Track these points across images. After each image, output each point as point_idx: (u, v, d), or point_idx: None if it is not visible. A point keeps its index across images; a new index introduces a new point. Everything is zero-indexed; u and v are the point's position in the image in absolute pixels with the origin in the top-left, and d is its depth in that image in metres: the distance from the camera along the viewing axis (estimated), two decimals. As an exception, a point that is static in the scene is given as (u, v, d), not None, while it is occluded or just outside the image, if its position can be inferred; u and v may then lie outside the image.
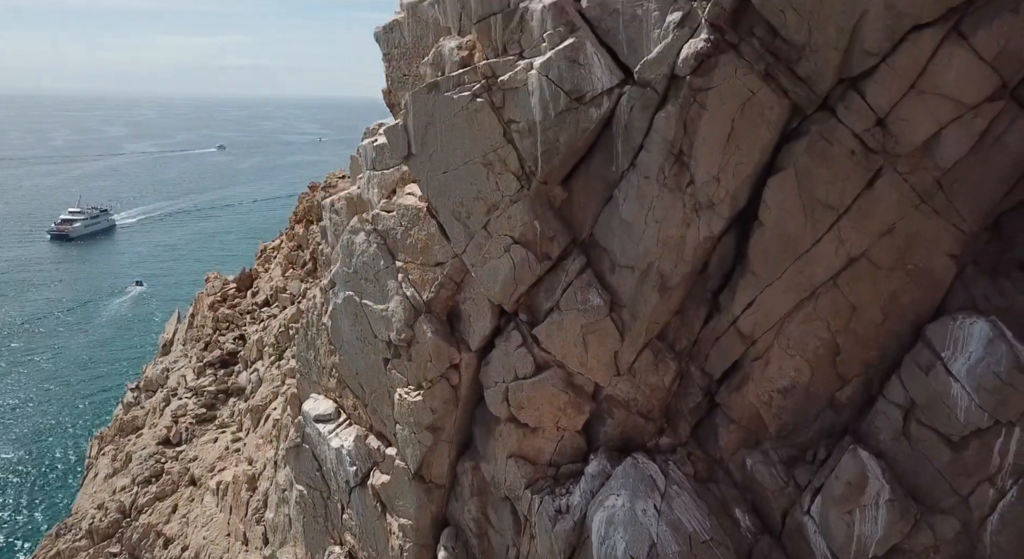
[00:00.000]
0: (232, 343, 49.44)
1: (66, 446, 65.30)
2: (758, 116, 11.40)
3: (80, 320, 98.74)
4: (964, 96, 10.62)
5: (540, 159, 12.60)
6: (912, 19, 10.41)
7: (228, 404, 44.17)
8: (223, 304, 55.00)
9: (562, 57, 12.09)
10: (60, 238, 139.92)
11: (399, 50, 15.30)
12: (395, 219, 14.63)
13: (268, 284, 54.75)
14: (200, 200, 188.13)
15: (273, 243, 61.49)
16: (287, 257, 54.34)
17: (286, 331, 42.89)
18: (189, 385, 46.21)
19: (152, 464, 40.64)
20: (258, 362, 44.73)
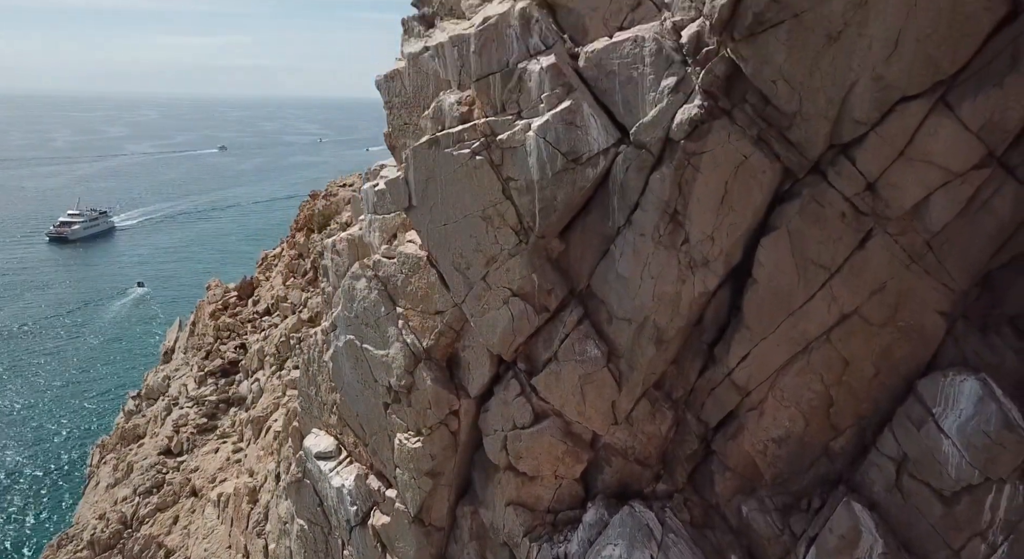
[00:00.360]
0: (233, 352, 49.70)
1: (68, 450, 65.31)
2: (751, 179, 11.63)
3: (82, 322, 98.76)
4: (951, 164, 10.84)
5: (538, 216, 12.84)
6: (900, 91, 10.63)
7: (229, 414, 44.44)
8: (224, 312, 55.24)
9: (559, 120, 12.33)
10: (59, 240, 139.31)
11: (400, 99, 15.52)
12: (396, 266, 14.86)
13: (269, 293, 54.96)
14: (201, 201, 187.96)
15: (274, 251, 61.71)
16: (288, 266, 54.57)
17: (287, 341, 43.17)
18: (190, 394, 46.47)
19: (153, 474, 40.91)
20: (259, 372, 44.98)
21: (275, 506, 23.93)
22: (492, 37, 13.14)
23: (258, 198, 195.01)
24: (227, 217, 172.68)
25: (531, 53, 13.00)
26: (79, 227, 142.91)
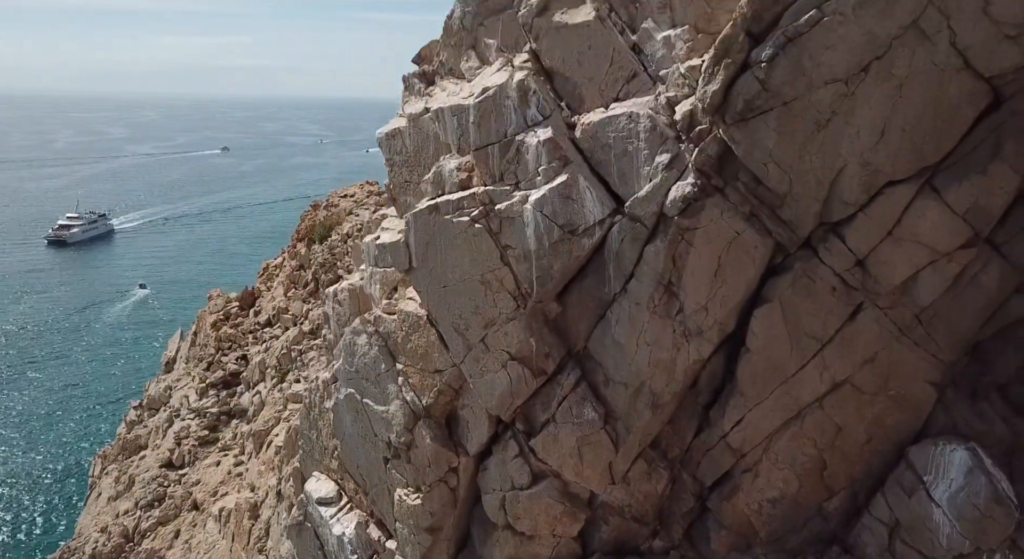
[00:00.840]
0: (235, 363, 49.87)
1: (70, 457, 65.35)
2: (743, 254, 11.88)
3: (83, 325, 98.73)
4: (938, 244, 11.09)
5: (535, 283, 13.09)
6: (887, 176, 10.89)
7: (231, 426, 44.61)
8: (225, 323, 55.42)
9: (555, 194, 12.58)
10: (57, 244, 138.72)
11: (401, 157, 15.77)
12: (396, 323, 15.10)
13: (270, 304, 55.13)
14: (202, 203, 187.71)
15: (275, 260, 61.91)
16: (289, 277, 54.74)
17: (288, 353, 43.38)
18: (192, 406, 46.61)
19: (155, 488, 41.10)
20: (260, 384, 45.15)
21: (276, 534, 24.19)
22: (491, 108, 13.39)
23: (259, 200, 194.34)
24: (228, 219, 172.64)
25: (528, 124, 13.24)
26: (78, 230, 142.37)
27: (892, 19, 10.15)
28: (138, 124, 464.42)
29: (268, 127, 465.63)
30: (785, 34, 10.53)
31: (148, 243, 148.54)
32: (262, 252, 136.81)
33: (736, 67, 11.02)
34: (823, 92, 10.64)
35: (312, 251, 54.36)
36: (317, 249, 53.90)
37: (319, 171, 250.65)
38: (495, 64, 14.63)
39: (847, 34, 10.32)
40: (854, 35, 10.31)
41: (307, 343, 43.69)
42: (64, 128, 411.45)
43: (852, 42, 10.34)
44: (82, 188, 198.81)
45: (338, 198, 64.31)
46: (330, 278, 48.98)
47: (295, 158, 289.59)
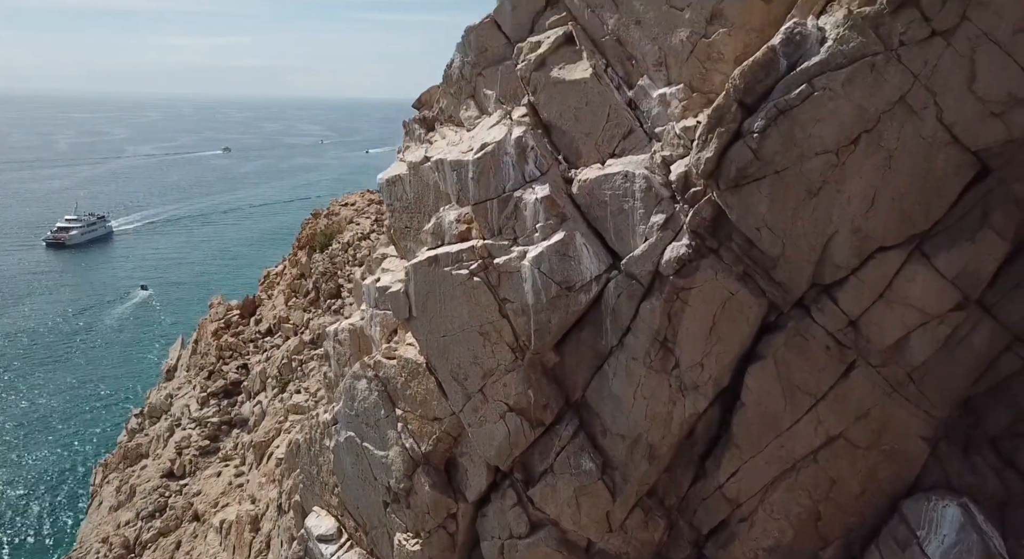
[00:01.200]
0: (235, 372, 50.14)
1: (71, 462, 65.50)
2: (738, 313, 12.08)
3: (84, 327, 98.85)
4: (929, 307, 11.27)
5: (533, 336, 13.30)
6: (878, 241, 11.08)
7: (231, 435, 44.87)
8: (226, 331, 55.67)
9: (553, 251, 12.79)
10: (56, 246, 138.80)
11: (401, 203, 15.97)
12: (396, 368, 15.31)
13: (271, 312, 55.38)
14: (202, 205, 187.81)
15: (276, 268, 62.14)
16: (290, 286, 55.00)
17: (289, 363, 43.66)
18: (193, 415, 46.89)
19: (156, 498, 41.38)
20: (261, 394, 45.42)
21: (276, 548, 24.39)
22: (489, 165, 13.59)
23: (260, 201, 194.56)
24: (229, 220, 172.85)
25: (527, 180, 13.45)
26: (77, 232, 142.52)
27: (880, 95, 10.34)
28: (139, 125, 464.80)
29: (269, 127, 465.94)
30: (776, 106, 10.72)
31: (148, 245, 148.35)
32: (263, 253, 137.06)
33: (729, 136, 11.21)
34: (814, 162, 10.83)
35: (313, 260, 54.67)
36: (318, 258, 54.22)
37: (320, 172, 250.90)
38: (494, 115, 14.84)
39: (837, 108, 10.51)
40: (844, 109, 10.50)
41: (307, 353, 43.99)
42: (65, 129, 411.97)
43: (842, 116, 10.53)
44: (83, 189, 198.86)
45: (339, 206, 64.59)
46: (331, 287, 49.29)
47: (296, 159, 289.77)
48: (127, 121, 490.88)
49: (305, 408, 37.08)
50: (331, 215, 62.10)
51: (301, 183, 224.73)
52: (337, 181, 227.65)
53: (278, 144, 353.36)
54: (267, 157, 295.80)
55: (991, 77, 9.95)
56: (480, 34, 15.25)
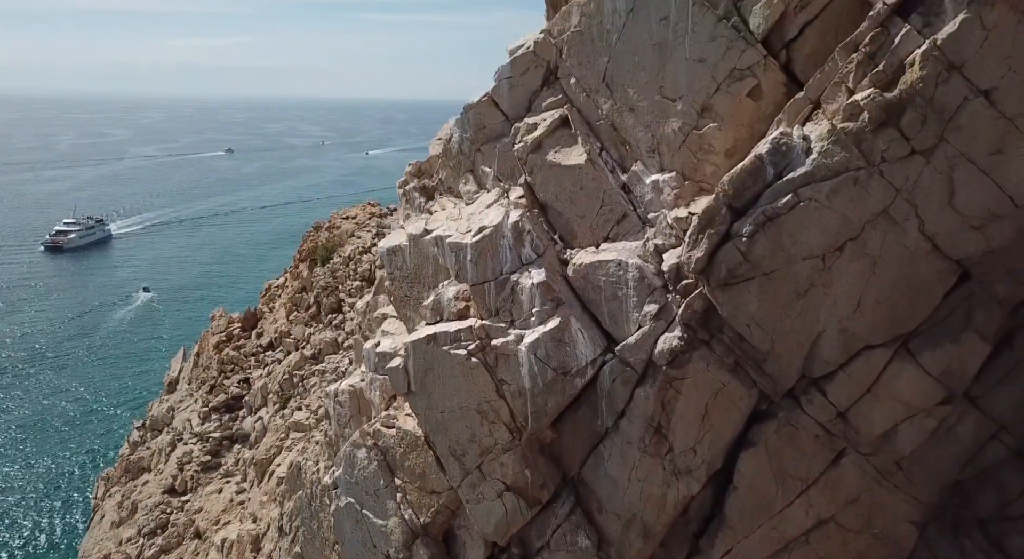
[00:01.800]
0: (237, 386, 50.32)
1: (74, 470, 65.29)
2: (729, 403, 12.39)
3: (85, 331, 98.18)
4: (916, 401, 11.58)
5: (530, 418, 13.61)
6: (864, 340, 11.39)
7: (233, 451, 45.09)
8: (228, 345, 55.77)
9: (549, 337, 13.09)
10: (54, 250, 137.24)
11: (401, 272, 16.27)
12: (395, 439, 15.60)
13: (272, 326, 55.49)
14: (203, 207, 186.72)
15: (277, 280, 62.25)
16: (291, 299, 55.13)
17: (290, 378, 43.88)
18: (194, 430, 47.01)
19: (158, 515, 41.59)
20: (262, 409, 45.62)
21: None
22: (487, 248, 13.88)
23: (262, 203, 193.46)
24: (230, 222, 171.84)
25: (523, 263, 13.75)
26: (75, 236, 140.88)
27: (864, 206, 10.64)
28: (141, 125, 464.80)
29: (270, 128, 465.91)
30: (764, 213, 11.02)
31: (148, 248, 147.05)
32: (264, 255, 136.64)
33: (719, 237, 11.51)
34: (801, 266, 11.13)
35: (314, 273, 54.85)
36: (319, 271, 54.40)
37: (321, 174, 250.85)
38: (492, 193, 15.15)
39: (822, 218, 10.80)
40: (829, 219, 10.80)
41: (308, 368, 44.22)
42: (67, 130, 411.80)
43: (827, 225, 10.83)
44: (84, 191, 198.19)
45: (340, 220, 64.70)
46: (331, 302, 49.55)
47: (297, 160, 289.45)
48: (129, 122, 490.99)
49: (306, 426, 37.41)
50: (332, 228, 62.19)
51: (302, 185, 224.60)
52: (338, 182, 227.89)
53: (280, 145, 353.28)
54: (268, 158, 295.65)
55: (970, 194, 10.25)
56: (479, 112, 15.54)
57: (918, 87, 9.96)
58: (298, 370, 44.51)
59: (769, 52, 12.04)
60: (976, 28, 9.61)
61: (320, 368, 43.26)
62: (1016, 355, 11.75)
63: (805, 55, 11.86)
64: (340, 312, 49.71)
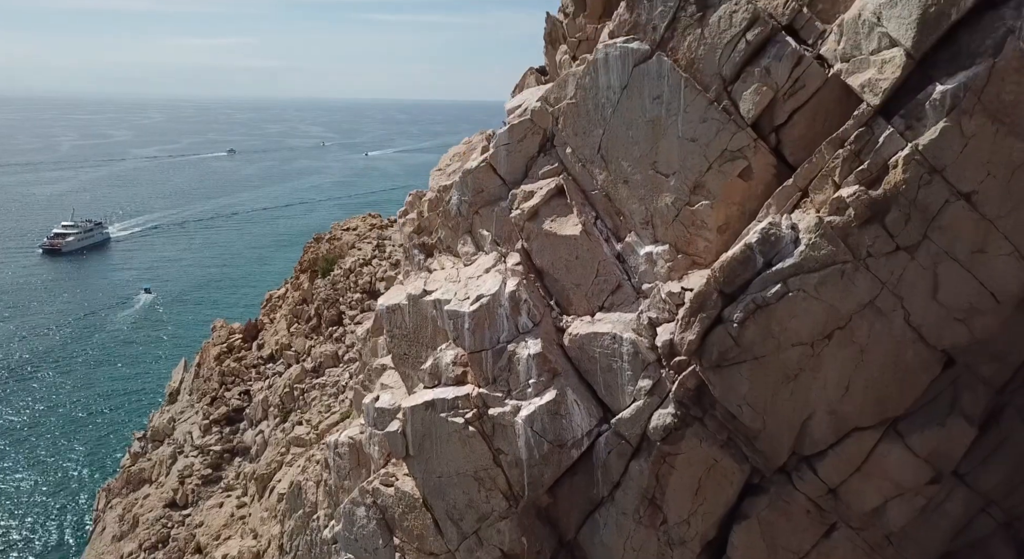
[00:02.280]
0: (238, 398, 50.46)
1: (74, 480, 64.92)
2: (722, 477, 12.64)
3: (85, 335, 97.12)
4: (904, 481, 11.84)
5: (527, 488, 13.87)
6: (853, 423, 11.66)
7: (233, 464, 45.31)
8: (229, 356, 55.87)
9: (545, 411, 13.35)
10: (52, 253, 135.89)
11: (400, 331, 16.51)
12: (393, 499, 15.85)
13: (273, 338, 55.58)
14: (203, 209, 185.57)
15: (278, 291, 62.36)
16: (292, 311, 55.25)
17: (290, 392, 44.09)
18: (195, 443, 47.18)
19: (159, 529, 41.81)
20: (263, 422, 45.82)
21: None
22: (485, 316, 14.12)
23: (263, 205, 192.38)
24: (231, 225, 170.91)
25: (520, 332, 14.00)
26: (73, 239, 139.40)
27: (851, 298, 10.89)
28: (142, 126, 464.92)
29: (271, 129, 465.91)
30: (754, 301, 11.27)
31: (147, 251, 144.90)
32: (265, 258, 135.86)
33: (710, 321, 11.77)
34: (791, 352, 11.39)
35: (315, 285, 55.06)
36: (320, 283, 54.60)
37: (321, 175, 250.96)
38: (490, 256, 15.40)
39: (810, 308, 11.06)
40: (817, 309, 11.05)
41: (309, 381, 44.39)
42: (68, 131, 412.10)
43: (815, 314, 11.08)
44: (86, 193, 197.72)
45: (340, 231, 64.84)
46: (332, 314, 49.71)
47: (298, 161, 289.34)
48: (130, 123, 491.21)
49: (306, 441, 37.70)
50: (333, 240, 62.34)
51: (303, 186, 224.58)
52: (339, 184, 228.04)
53: (281, 146, 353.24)
54: (269, 159, 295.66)
55: (953, 289, 10.50)
56: (477, 176, 15.76)
57: (901, 188, 10.21)
58: (299, 383, 44.70)
59: (759, 135, 12.27)
60: (956, 135, 9.85)
61: (320, 381, 43.44)
62: (1003, 432, 12.02)
63: (794, 139, 12.08)
64: (340, 325, 49.80)
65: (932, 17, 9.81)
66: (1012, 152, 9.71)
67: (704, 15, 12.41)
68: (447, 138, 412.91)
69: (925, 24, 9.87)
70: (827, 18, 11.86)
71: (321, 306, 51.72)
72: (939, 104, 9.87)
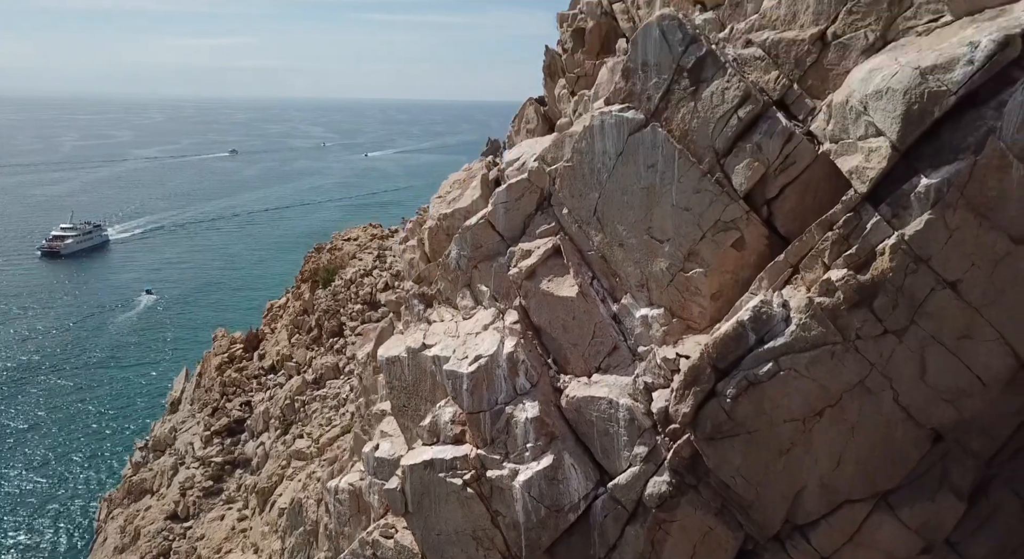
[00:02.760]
0: (239, 409, 50.71)
1: (75, 488, 64.67)
2: (716, 545, 12.87)
3: (86, 338, 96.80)
4: (896, 551, 12.06)
5: (524, 550, 14.09)
6: (845, 496, 11.88)
7: (235, 476, 45.58)
8: (230, 366, 56.06)
9: (542, 477, 13.57)
10: (51, 255, 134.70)
11: (400, 383, 16.72)
12: (393, 552, 16.08)
13: (274, 348, 55.82)
14: (204, 211, 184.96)
15: (279, 301, 62.57)
16: (293, 321, 55.48)
17: (291, 404, 44.37)
18: (197, 454, 47.39)
19: (160, 542, 42.03)
20: (264, 434, 46.09)
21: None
22: (483, 378, 14.33)
23: (263, 206, 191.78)
24: (231, 226, 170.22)
25: (518, 393, 14.21)
26: (72, 241, 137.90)
27: (841, 377, 11.10)
28: (143, 127, 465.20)
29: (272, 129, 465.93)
30: (747, 378, 11.48)
31: (147, 253, 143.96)
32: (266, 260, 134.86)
33: (704, 395, 11.99)
34: (783, 427, 11.61)
35: (316, 296, 55.30)
36: (321, 294, 54.84)
37: (322, 176, 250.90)
38: (488, 312, 15.62)
39: (802, 386, 11.27)
40: (808, 387, 11.26)
41: (310, 393, 44.67)
42: (70, 131, 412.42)
43: (806, 392, 11.29)
44: (86, 194, 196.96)
45: (341, 241, 65.11)
46: (333, 326, 49.95)
47: (298, 162, 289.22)
48: (131, 123, 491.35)
49: (307, 455, 37.99)
50: (334, 250, 62.62)
51: (304, 187, 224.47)
52: (340, 185, 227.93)
53: (281, 147, 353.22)
54: (270, 160, 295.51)
55: (940, 372, 10.71)
56: (476, 232, 15.97)
57: (889, 275, 10.41)
58: (299, 395, 44.94)
59: (751, 207, 12.47)
60: (940, 228, 10.05)
61: (321, 393, 43.67)
62: (992, 503, 12.23)
63: (785, 212, 12.28)
64: (341, 336, 50.04)
65: (916, 114, 9.99)
66: (995, 245, 9.91)
67: (697, 89, 12.60)
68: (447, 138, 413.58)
69: (909, 119, 10.06)
70: (817, 94, 12.06)
71: (322, 317, 51.98)
72: (924, 197, 10.07)
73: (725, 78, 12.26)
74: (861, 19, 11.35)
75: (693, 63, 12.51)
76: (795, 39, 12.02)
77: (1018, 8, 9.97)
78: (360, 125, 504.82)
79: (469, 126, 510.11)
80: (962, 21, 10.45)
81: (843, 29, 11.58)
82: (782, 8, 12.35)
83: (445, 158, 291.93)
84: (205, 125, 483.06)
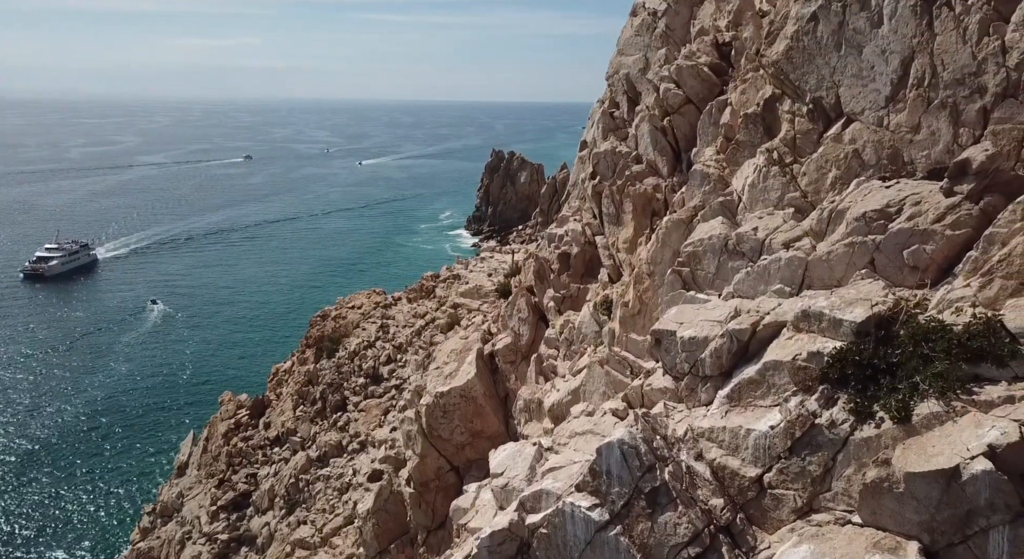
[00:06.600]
0: (244, 482, 50.98)
1: (78, 533, 62.74)
2: None
3: (80, 367, 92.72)
4: None
5: None
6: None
7: (240, 554, 45.97)
8: (236, 434, 56.20)
9: None
10: (34, 278, 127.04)
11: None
12: None
13: (280, 418, 55.91)
14: (206, 222, 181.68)
15: (284, 365, 62.72)
16: (298, 392, 55.73)
17: (296, 483, 44.84)
18: (203, 530, 47.92)
19: None
20: (268, 513, 46.40)
21: None
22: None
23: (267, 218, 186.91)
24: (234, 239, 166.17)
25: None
26: (57, 262, 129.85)
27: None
28: (149, 131, 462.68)
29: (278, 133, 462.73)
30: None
31: (137, 271, 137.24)
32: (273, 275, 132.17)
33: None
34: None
35: (320, 366, 55.62)
36: (325, 365, 55.16)
37: (327, 183, 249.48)
38: None
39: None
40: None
41: (314, 472, 44.88)
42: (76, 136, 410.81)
43: None
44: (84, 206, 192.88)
45: (346, 309, 64.80)
46: (336, 400, 50.46)
47: (303, 169, 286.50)
48: (137, 127, 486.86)
49: (311, 544, 38.56)
50: (338, 318, 62.63)
51: (308, 196, 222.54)
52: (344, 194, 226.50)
53: (288, 153, 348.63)
54: (275, 166, 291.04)
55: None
56: None
57: None
58: (304, 474, 45.25)
59: None
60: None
61: (325, 473, 44.01)
62: None
63: None
64: (344, 411, 50.47)
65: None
66: None
67: (654, 512, 12.96)
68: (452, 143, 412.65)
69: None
70: (762, 524, 12.45)
71: (326, 390, 52.37)
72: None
73: (676, 513, 12.63)
74: (791, 481, 11.93)
75: (649, 490, 13.00)
76: (737, 472, 12.57)
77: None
78: (364, 128, 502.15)
79: (473, 129, 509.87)
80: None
81: (776, 482, 12.13)
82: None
83: (450, 164, 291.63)
84: (211, 128, 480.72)
